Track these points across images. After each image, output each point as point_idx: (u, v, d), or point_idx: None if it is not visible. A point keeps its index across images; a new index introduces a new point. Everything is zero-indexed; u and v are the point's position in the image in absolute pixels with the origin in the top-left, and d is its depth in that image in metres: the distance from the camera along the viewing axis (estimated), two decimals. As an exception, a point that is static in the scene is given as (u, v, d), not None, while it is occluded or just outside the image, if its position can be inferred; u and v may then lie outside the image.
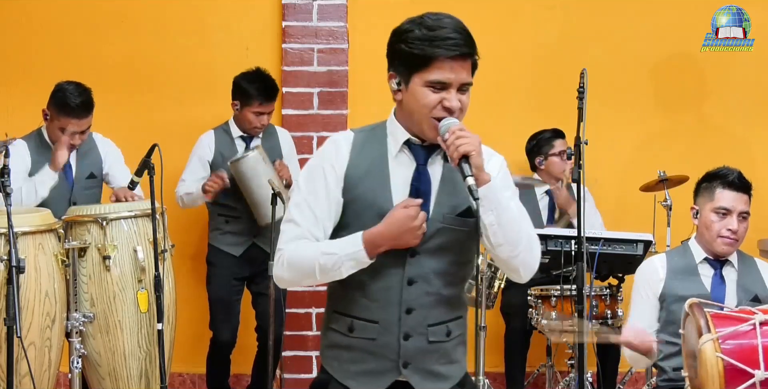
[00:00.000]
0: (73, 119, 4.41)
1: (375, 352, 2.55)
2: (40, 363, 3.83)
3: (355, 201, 2.52)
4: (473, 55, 2.48)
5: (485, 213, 2.42)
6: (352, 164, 2.53)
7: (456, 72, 2.45)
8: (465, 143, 2.39)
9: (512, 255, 2.49)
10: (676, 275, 3.66)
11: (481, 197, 2.38)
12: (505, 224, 2.45)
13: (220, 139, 4.85)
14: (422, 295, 2.52)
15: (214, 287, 4.91)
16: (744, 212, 3.60)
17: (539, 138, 5.14)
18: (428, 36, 2.46)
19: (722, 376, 2.98)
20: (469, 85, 2.49)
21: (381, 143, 2.56)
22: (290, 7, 5.27)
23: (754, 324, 3.05)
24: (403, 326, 2.52)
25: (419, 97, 2.47)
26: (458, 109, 2.46)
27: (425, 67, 2.45)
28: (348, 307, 2.57)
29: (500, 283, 4.63)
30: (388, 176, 2.52)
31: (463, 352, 2.66)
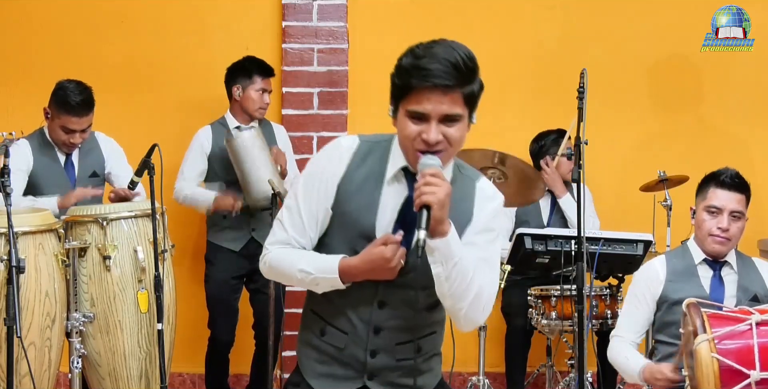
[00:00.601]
0: (74, 117, 4.41)
1: (342, 360, 2.56)
2: (40, 363, 3.83)
3: (342, 215, 2.50)
4: (458, 86, 2.37)
5: (434, 264, 2.38)
6: (348, 177, 2.50)
7: (434, 103, 2.36)
8: (429, 192, 2.31)
9: (456, 308, 2.46)
10: (676, 277, 3.66)
11: (434, 249, 2.35)
12: (453, 279, 2.40)
13: (217, 132, 4.88)
14: (392, 318, 2.52)
15: (212, 286, 4.92)
16: (736, 212, 3.59)
17: (546, 139, 5.12)
18: (411, 65, 2.38)
19: (718, 377, 2.98)
20: (455, 117, 2.39)
21: (381, 161, 2.52)
22: (290, 7, 5.28)
23: (750, 324, 3.05)
24: (371, 344, 2.53)
25: (402, 127, 2.42)
26: (438, 142, 2.38)
27: (406, 97, 2.40)
28: (323, 310, 2.58)
29: (500, 283, 4.63)
30: (377, 199, 2.49)
31: (436, 361, 2.67)
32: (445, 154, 2.42)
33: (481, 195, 2.55)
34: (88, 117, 4.47)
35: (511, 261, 4.68)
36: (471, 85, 2.41)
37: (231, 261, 4.87)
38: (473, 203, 2.53)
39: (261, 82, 4.85)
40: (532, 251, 4.54)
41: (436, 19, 5.43)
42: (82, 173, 4.59)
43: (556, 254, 4.48)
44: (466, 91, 2.40)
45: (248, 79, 4.85)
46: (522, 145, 5.26)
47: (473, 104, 2.45)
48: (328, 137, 5.16)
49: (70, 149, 4.54)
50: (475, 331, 4.62)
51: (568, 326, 4.52)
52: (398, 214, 2.48)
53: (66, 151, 4.55)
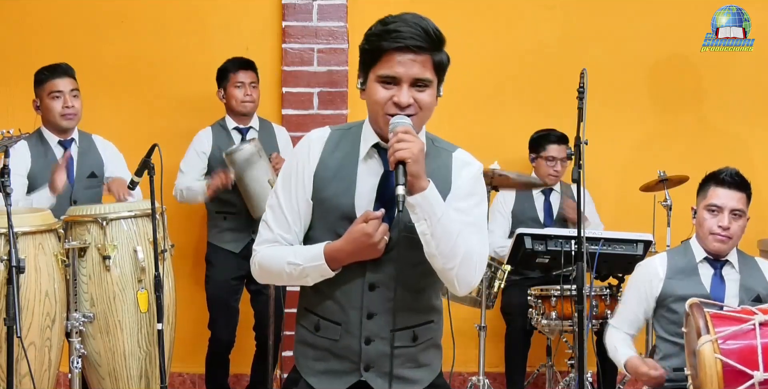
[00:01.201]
0: (57, 79, 4.45)
1: (337, 353, 2.56)
2: (40, 363, 3.83)
3: (321, 203, 2.51)
4: (430, 50, 2.42)
5: (418, 222, 2.38)
6: (322, 165, 2.52)
7: (406, 66, 2.40)
8: (404, 148, 2.33)
9: (446, 268, 2.43)
10: (676, 275, 3.67)
11: (414, 205, 2.36)
12: (439, 236, 2.39)
13: (217, 133, 4.88)
14: (384, 301, 2.50)
15: (212, 286, 4.92)
16: (736, 210, 3.60)
17: (539, 136, 5.16)
18: (381, 30, 2.44)
19: (721, 377, 2.98)
20: (426, 82, 2.42)
21: (354, 144, 2.53)
22: (290, 7, 5.27)
23: (753, 324, 3.05)
24: (365, 330, 2.52)
25: (372, 93, 2.44)
26: (409, 105, 2.41)
27: (376, 61, 2.43)
28: (315, 305, 2.57)
29: (500, 283, 4.63)
30: (354, 180, 2.50)
31: (435, 355, 2.65)
32: (416, 119, 2.43)
33: (458, 163, 2.55)
34: (71, 79, 4.49)
35: (511, 261, 4.68)
36: (440, 54, 2.47)
37: (231, 262, 4.87)
38: (450, 172, 2.53)
39: (234, 76, 4.87)
40: (532, 251, 4.55)
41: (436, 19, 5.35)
42: (80, 173, 4.58)
43: (556, 254, 4.48)
44: (436, 57, 2.44)
45: (225, 79, 4.90)
46: (522, 145, 5.26)
47: (442, 73, 2.49)
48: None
49: (69, 119, 4.50)
50: (475, 331, 4.64)
51: (568, 326, 4.52)
52: (377, 191, 2.48)
53: (66, 124, 4.52)
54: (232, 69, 4.88)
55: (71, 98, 4.48)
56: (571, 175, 3.80)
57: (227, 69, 4.90)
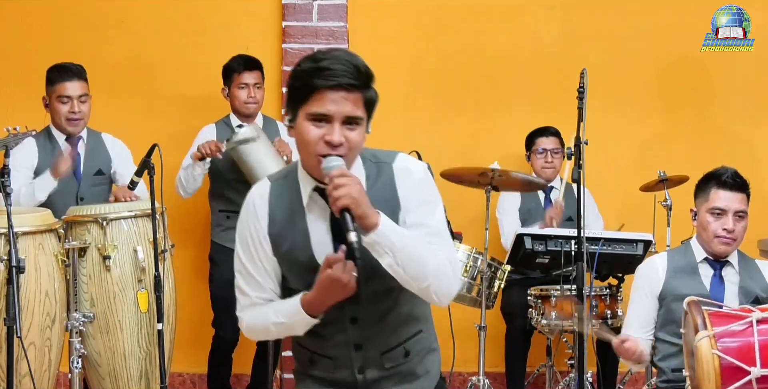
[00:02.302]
0: (67, 82, 4.46)
1: (335, 382, 2.57)
2: (40, 363, 3.83)
3: (284, 259, 2.51)
4: (361, 88, 2.37)
5: (381, 257, 2.35)
6: (272, 222, 2.50)
7: (338, 104, 2.35)
8: (342, 194, 2.28)
9: (422, 288, 2.41)
10: (677, 275, 3.66)
11: (372, 243, 2.33)
12: (406, 264, 2.36)
13: (221, 130, 4.89)
14: (368, 330, 2.51)
15: (216, 285, 4.91)
16: (740, 211, 3.59)
17: (531, 133, 5.19)
18: (311, 68, 2.37)
19: (718, 373, 2.98)
20: (357, 120, 2.38)
21: (295, 192, 2.50)
22: (290, 7, 5.28)
23: (750, 321, 3.05)
24: (356, 361, 2.53)
25: (304, 132, 2.38)
26: (341, 143, 2.35)
27: (307, 99, 2.37)
28: (306, 341, 2.58)
29: (500, 283, 4.63)
30: (306, 230, 2.47)
31: (433, 360, 2.65)
32: (346, 158, 2.38)
33: (400, 175, 2.50)
34: (81, 83, 4.50)
35: (511, 261, 4.68)
36: (370, 91, 2.41)
37: (235, 260, 4.86)
38: (395, 186, 2.49)
39: (239, 77, 4.86)
40: (532, 251, 4.55)
41: (436, 19, 5.44)
42: (87, 170, 4.59)
43: (556, 254, 4.48)
44: (367, 95, 2.40)
45: (229, 78, 4.89)
46: (522, 145, 5.26)
47: (371, 110, 2.43)
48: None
49: (74, 126, 4.53)
50: (475, 331, 4.64)
51: (568, 326, 4.52)
52: (331, 233, 2.46)
53: (71, 130, 4.54)
54: (237, 69, 4.87)
55: (78, 103, 4.50)
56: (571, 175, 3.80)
57: (232, 68, 4.89)
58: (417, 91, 5.42)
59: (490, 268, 4.55)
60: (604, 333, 3.70)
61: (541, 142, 5.13)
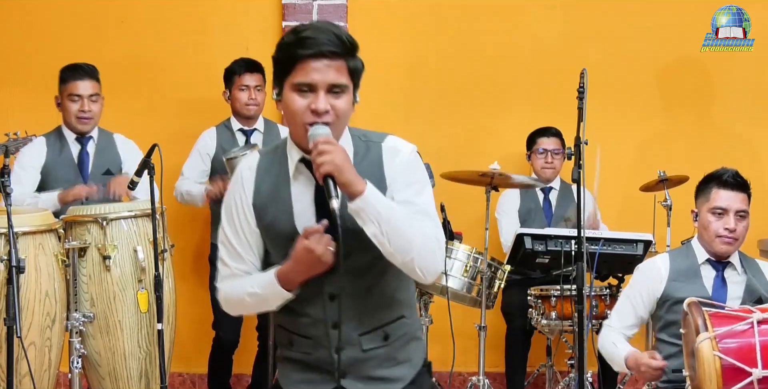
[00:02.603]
0: (78, 81, 4.50)
1: (313, 365, 2.55)
2: (40, 363, 3.83)
3: (266, 230, 2.50)
4: (344, 56, 2.40)
5: (365, 225, 2.34)
6: (257, 193, 2.50)
7: (322, 72, 2.37)
8: (326, 160, 2.29)
9: (406, 261, 2.38)
10: (678, 277, 3.65)
11: (357, 211, 2.32)
12: (391, 234, 2.34)
13: (222, 133, 4.90)
14: (345, 309, 2.46)
15: (216, 287, 4.91)
16: (741, 211, 3.59)
17: (531, 133, 5.20)
18: (294, 39, 2.41)
19: (720, 374, 2.98)
20: (342, 88, 2.40)
21: (282, 164, 2.50)
22: (290, 7, 5.27)
23: (751, 322, 3.05)
24: (333, 340, 2.49)
25: (289, 103, 2.40)
26: (326, 111, 2.37)
27: (291, 70, 2.39)
28: (286, 322, 2.58)
29: (500, 283, 4.63)
30: (289, 201, 2.47)
31: (416, 349, 2.62)
32: (333, 127, 2.39)
33: (388, 153, 2.50)
34: (92, 83, 4.54)
35: (511, 261, 4.69)
36: (354, 59, 2.44)
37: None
38: (382, 165, 2.49)
39: (240, 78, 4.87)
40: (532, 251, 4.55)
41: (436, 19, 5.44)
42: (95, 170, 4.60)
43: (556, 254, 4.48)
44: (351, 63, 2.42)
45: (230, 81, 4.90)
46: (522, 145, 5.26)
47: (357, 78, 2.46)
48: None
49: (83, 124, 4.55)
50: (475, 331, 4.64)
51: (568, 326, 4.52)
52: (315, 204, 2.46)
53: (81, 128, 4.56)
54: (238, 71, 4.88)
55: (89, 102, 4.53)
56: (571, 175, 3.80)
57: (233, 71, 4.89)
58: (417, 91, 5.42)
59: (490, 268, 4.55)
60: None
61: (542, 142, 5.14)
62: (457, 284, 4.51)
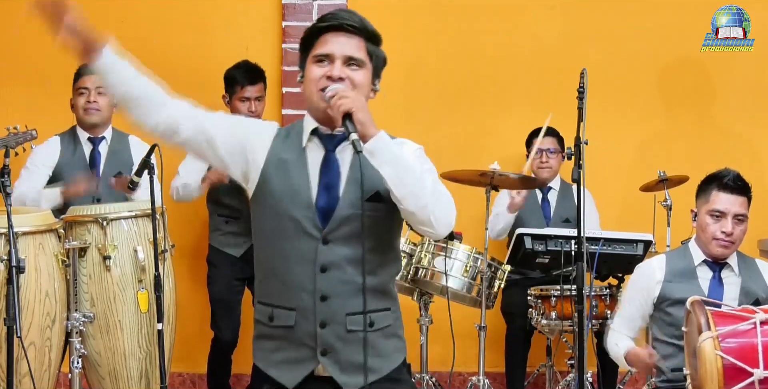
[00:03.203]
0: (86, 76, 4.52)
1: (293, 340, 2.57)
2: (40, 363, 3.83)
3: (270, 194, 2.57)
4: (362, 33, 2.54)
5: (380, 167, 2.42)
6: (272, 154, 2.59)
7: (340, 44, 2.51)
8: (346, 101, 2.41)
9: (419, 206, 2.45)
10: (674, 278, 3.66)
11: (372, 151, 2.41)
12: (404, 175, 2.43)
13: None
14: (337, 283, 2.52)
15: (214, 287, 4.92)
16: (739, 215, 3.59)
17: (530, 133, 5.19)
18: (319, 19, 2.59)
19: (721, 374, 2.98)
20: (359, 62, 2.53)
21: (298, 136, 2.60)
22: (290, 7, 5.28)
23: (754, 322, 3.05)
24: (319, 313, 2.52)
25: (308, 75, 2.53)
26: (340, 78, 2.49)
27: (312, 45, 2.54)
28: (268, 296, 2.61)
29: (500, 283, 4.63)
30: (297, 165, 2.56)
31: (396, 347, 2.65)
32: None
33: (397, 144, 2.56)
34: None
35: (511, 261, 4.68)
36: (375, 46, 2.58)
37: (233, 264, 4.88)
38: None
39: (242, 90, 4.83)
40: (532, 251, 4.55)
41: (436, 19, 5.44)
42: (107, 171, 4.61)
43: (556, 254, 4.48)
44: (370, 45, 2.56)
45: (232, 89, 4.88)
46: (522, 145, 5.26)
47: (376, 63, 2.59)
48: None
49: (90, 115, 4.58)
50: (475, 331, 4.64)
51: (568, 326, 4.52)
52: (319, 171, 2.55)
53: (88, 119, 4.58)
54: (240, 81, 4.83)
55: (95, 94, 4.56)
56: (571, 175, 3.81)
57: (235, 80, 4.84)
58: (417, 91, 5.42)
59: (490, 268, 4.55)
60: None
61: (538, 141, 5.13)
62: (457, 284, 4.51)
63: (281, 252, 2.55)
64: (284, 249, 2.55)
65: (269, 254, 2.59)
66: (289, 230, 2.54)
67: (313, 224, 2.53)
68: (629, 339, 3.75)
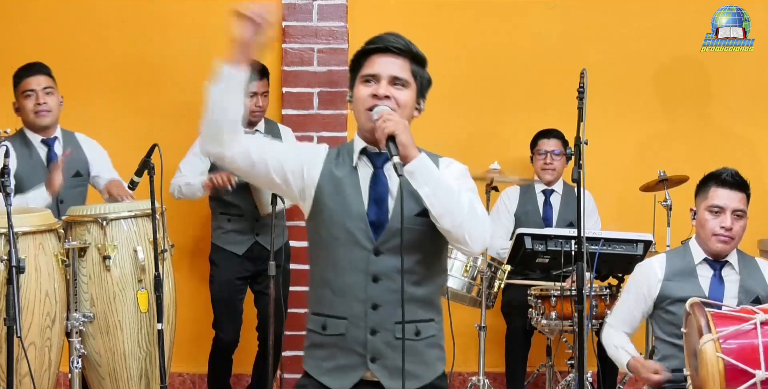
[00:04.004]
0: (30, 77, 4.46)
1: (345, 347, 2.68)
2: (40, 363, 3.83)
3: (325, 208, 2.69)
4: (407, 55, 2.69)
5: (420, 187, 2.55)
6: (325, 171, 2.72)
7: (385, 65, 2.66)
8: (390, 124, 2.54)
9: (455, 224, 2.56)
10: (675, 277, 3.66)
11: (412, 172, 2.54)
12: (441, 195, 2.55)
13: None
14: (387, 292, 2.64)
15: (216, 287, 4.92)
16: (738, 210, 3.60)
17: (535, 135, 5.20)
18: (367, 42, 2.73)
19: (723, 376, 2.98)
20: (404, 82, 2.67)
21: (348, 155, 2.74)
22: (290, 7, 5.28)
23: (755, 323, 3.05)
24: (370, 321, 2.65)
25: (356, 94, 2.69)
26: (386, 97, 2.63)
27: (361, 66, 2.70)
28: (321, 307, 2.73)
29: (500, 283, 4.63)
30: (348, 183, 2.69)
31: (438, 357, 2.76)
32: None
33: (444, 164, 2.76)
34: (44, 77, 4.49)
35: (511, 261, 4.68)
36: (420, 67, 2.72)
37: (235, 263, 4.87)
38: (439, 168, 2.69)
39: (250, 85, 4.80)
40: (532, 251, 4.55)
41: (436, 19, 5.44)
42: (65, 173, 4.54)
43: (556, 254, 4.48)
44: (415, 67, 2.70)
45: None
46: (522, 145, 5.26)
47: (421, 83, 2.72)
48: (328, 137, 5.16)
49: (42, 116, 4.47)
50: (475, 331, 4.64)
51: (568, 326, 4.52)
52: (369, 188, 2.69)
53: (39, 122, 4.48)
54: (251, 77, 4.80)
55: (43, 95, 4.47)
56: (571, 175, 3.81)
57: None
58: (417, 92, 5.42)
59: (490, 268, 4.55)
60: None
61: (543, 143, 5.15)
62: (457, 284, 4.52)
63: (335, 262, 2.69)
64: (338, 260, 2.68)
65: (323, 265, 2.73)
66: (342, 241, 2.68)
67: (366, 235, 2.66)
68: (628, 339, 3.75)
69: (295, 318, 5.08)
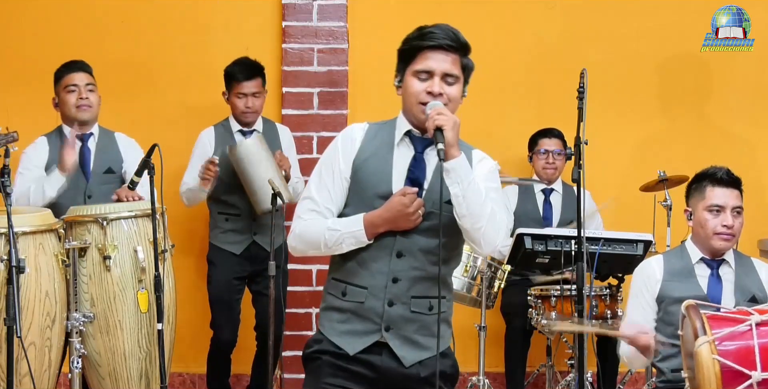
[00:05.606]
0: (73, 73, 4.53)
1: (362, 315, 2.82)
2: (40, 363, 3.83)
3: (360, 182, 2.82)
4: (458, 50, 2.78)
5: (452, 185, 2.69)
6: (362, 150, 2.83)
7: (439, 62, 2.76)
8: (441, 118, 2.67)
9: (474, 227, 2.72)
10: (673, 277, 3.66)
11: (449, 170, 2.68)
12: (469, 197, 2.69)
13: (220, 134, 4.88)
14: (408, 268, 2.79)
15: (214, 286, 4.92)
16: (737, 207, 3.61)
17: (534, 134, 5.20)
18: (419, 34, 2.80)
19: (719, 378, 2.97)
20: (455, 78, 2.78)
21: (389, 133, 2.86)
22: (290, 7, 5.28)
23: (750, 325, 3.05)
24: (389, 293, 2.79)
25: (409, 86, 2.79)
26: (440, 94, 2.75)
27: (413, 59, 2.79)
28: (344, 274, 2.85)
29: (500, 283, 4.63)
30: (390, 162, 2.81)
31: (446, 332, 2.90)
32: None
33: (476, 158, 2.89)
34: (86, 74, 4.59)
35: (511, 261, 4.68)
36: (467, 58, 2.82)
37: (233, 263, 4.88)
38: (471, 164, 2.82)
39: (238, 86, 4.83)
40: (532, 251, 4.54)
41: (436, 19, 5.37)
42: (97, 169, 4.60)
43: (556, 254, 4.48)
44: (464, 59, 2.81)
45: (230, 85, 4.88)
46: (522, 145, 5.26)
47: (467, 74, 2.84)
48: (328, 137, 5.16)
49: (83, 111, 4.55)
50: (475, 331, 4.64)
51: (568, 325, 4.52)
52: (408, 171, 2.81)
53: (81, 116, 4.55)
54: (237, 77, 4.83)
55: (86, 91, 4.56)
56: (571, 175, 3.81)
57: (233, 75, 4.85)
58: (417, 92, 5.41)
59: (490, 268, 4.55)
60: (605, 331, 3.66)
61: (544, 143, 5.14)
62: (457, 284, 4.51)
63: None
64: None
65: None
66: None
67: None
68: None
69: (293, 318, 5.09)
